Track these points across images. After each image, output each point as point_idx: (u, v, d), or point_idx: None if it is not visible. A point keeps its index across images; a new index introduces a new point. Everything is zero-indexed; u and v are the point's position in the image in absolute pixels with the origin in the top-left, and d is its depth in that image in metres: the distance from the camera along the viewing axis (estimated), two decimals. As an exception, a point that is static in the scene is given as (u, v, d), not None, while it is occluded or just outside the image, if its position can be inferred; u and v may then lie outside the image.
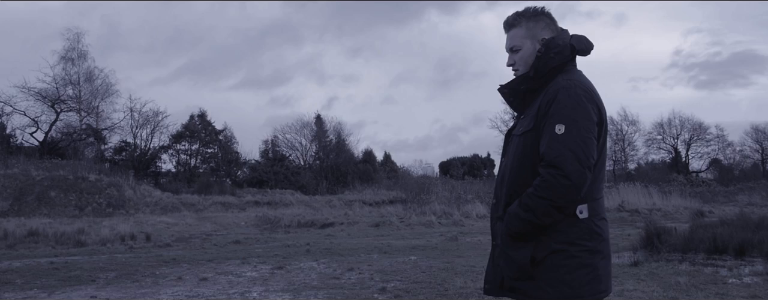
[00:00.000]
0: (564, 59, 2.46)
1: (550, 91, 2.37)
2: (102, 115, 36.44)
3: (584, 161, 2.22)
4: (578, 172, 2.21)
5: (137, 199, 29.07)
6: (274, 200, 31.92)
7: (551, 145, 2.26)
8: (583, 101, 2.30)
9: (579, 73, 2.49)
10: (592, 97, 2.35)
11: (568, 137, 2.24)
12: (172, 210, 28.32)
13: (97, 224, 20.49)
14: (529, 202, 2.27)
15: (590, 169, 2.25)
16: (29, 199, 26.82)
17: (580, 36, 2.54)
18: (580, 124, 2.26)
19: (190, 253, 12.68)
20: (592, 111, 2.31)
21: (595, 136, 2.29)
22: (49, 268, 9.90)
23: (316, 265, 10.11)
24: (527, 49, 2.52)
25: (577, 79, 2.40)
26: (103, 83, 36.42)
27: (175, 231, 20.23)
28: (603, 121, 2.37)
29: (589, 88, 2.38)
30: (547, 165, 2.26)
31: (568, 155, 2.21)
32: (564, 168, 2.21)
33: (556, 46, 2.46)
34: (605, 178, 2.56)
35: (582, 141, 2.24)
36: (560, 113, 2.29)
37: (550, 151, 2.26)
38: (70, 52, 35.68)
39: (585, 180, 2.23)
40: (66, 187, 27.91)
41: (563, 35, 2.52)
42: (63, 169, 29.12)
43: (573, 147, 2.22)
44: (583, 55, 2.54)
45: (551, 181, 2.22)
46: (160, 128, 37.89)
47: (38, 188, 27.43)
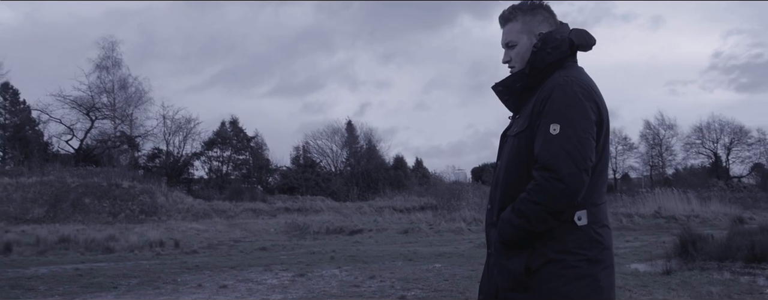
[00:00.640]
0: (561, 55, 2.30)
1: (545, 89, 2.22)
2: (135, 123, 37.04)
3: (581, 163, 2.07)
4: (574, 175, 2.05)
5: (169, 206, 29.32)
6: (304, 207, 31.96)
7: (545, 146, 2.12)
8: (580, 99, 2.15)
9: (579, 70, 2.33)
10: (591, 94, 2.19)
11: (564, 137, 2.09)
12: (204, 216, 28.51)
13: (128, 231, 20.68)
14: (522, 208, 2.13)
15: (587, 171, 2.10)
16: (64, 205, 27.23)
17: (580, 30, 2.38)
18: (577, 123, 2.11)
19: (215, 259, 12.65)
20: (590, 109, 2.15)
21: (593, 136, 2.14)
22: (74, 274, 9.92)
23: (338, 272, 9.96)
24: (523, 44, 2.38)
25: (575, 76, 2.24)
26: (137, 91, 37.04)
27: (204, 238, 20.30)
28: (603, 120, 2.21)
29: (587, 85, 2.22)
30: (540, 167, 2.11)
31: (563, 157, 2.06)
32: (558, 170, 2.06)
33: (553, 41, 2.31)
34: (607, 183, 2.36)
35: (578, 141, 2.08)
36: (555, 112, 2.14)
37: (543, 152, 2.11)
38: (105, 61, 36.37)
39: (582, 183, 2.08)
40: (100, 194, 28.29)
41: (562, 29, 2.37)
42: (97, 176, 29.56)
43: (568, 148, 2.07)
44: (583, 51, 2.38)
45: (545, 184, 2.07)
46: (192, 135, 38.32)
47: (73, 195, 27.84)
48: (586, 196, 2.15)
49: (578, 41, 2.33)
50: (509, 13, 2.43)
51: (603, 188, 2.27)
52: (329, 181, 39.01)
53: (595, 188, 2.20)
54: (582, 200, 2.14)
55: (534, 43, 2.35)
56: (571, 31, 2.36)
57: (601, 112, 2.21)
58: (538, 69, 2.30)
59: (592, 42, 2.38)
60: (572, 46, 2.32)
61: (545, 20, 2.40)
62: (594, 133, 2.14)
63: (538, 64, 2.30)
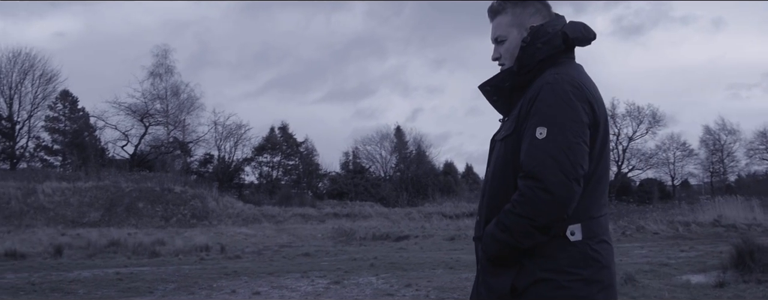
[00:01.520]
0: (553, 50, 2.07)
1: (533, 88, 2.00)
2: (188, 129, 37.72)
3: (569, 171, 1.85)
4: (561, 185, 1.83)
5: (220, 211, 29.68)
6: (353, 212, 31.93)
7: (530, 151, 1.90)
8: (570, 99, 1.92)
9: (574, 67, 2.09)
10: (584, 94, 1.96)
11: (551, 142, 1.87)
12: (253, 221, 28.74)
13: (178, 235, 21.00)
14: (506, 221, 1.91)
15: (578, 180, 1.87)
16: (119, 209, 27.85)
17: (576, 22, 2.15)
18: (566, 126, 1.89)
19: (256, 265, 12.63)
20: (581, 111, 1.92)
21: (585, 141, 1.91)
22: (114, 278, 10.01)
23: (374, 280, 9.77)
24: (513, 39, 2.15)
25: (567, 73, 2.00)
26: (189, 97, 37.72)
27: (251, 243, 20.43)
28: (598, 122, 1.98)
29: (580, 83, 1.98)
30: (524, 176, 1.89)
31: (550, 164, 1.85)
32: (544, 179, 1.84)
33: (545, 35, 2.08)
34: (606, 192, 2.12)
35: (567, 147, 1.86)
36: (542, 113, 1.92)
37: (528, 159, 1.89)
38: (158, 68, 37.18)
39: (571, 194, 1.85)
40: (153, 199, 28.84)
41: (555, 22, 2.12)
42: (150, 181, 30.17)
43: (555, 154, 1.85)
44: (581, 45, 2.15)
45: (529, 195, 1.85)
46: (242, 141, 38.82)
47: (127, 199, 28.45)
48: (581, 208, 1.93)
49: (573, 35, 2.09)
50: (498, 5, 2.21)
51: (602, 199, 2.04)
52: (378, 186, 38.93)
53: (591, 199, 1.98)
54: (576, 213, 1.91)
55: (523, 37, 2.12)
56: (566, 24, 2.13)
57: (597, 113, 1.97)
58: (528, 66, 2.08)
59: (590, 36, 2.15)
60: (566, 40, 2.08)
61: (538, 12, 2.17)
62: (586, 138, 1.91)
63: (527, 60, 2.08)
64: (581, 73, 2.07)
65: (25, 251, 14.47)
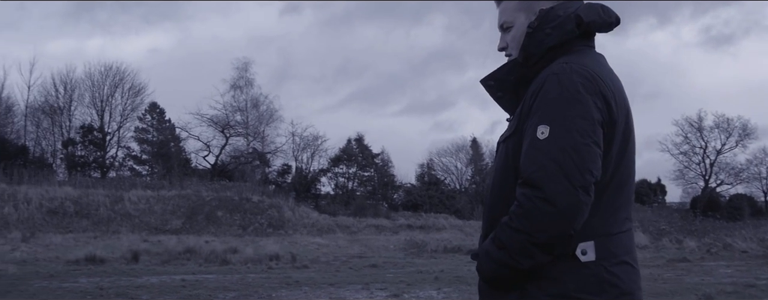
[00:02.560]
0: (565, 35, 1.76)
1: (537, 80, 1.71)
2: (266, 140, 38.56)
3: (575, 178, 1.54)
4: (565, 194, 1.53)
5: (296, 221, 30.11)
6: (427, 224, 31.74)
7: (529, 154, 1.61)
8: (578, 92, 1.62)
9: (591, 56, 1.78)
10: (596, 86, 1.64)
11: (553, 143, 1.58)
12: (328, 231, 28.99)
13: (253, 243, 21.41)
14: (502, 237, 1.62)
15: (586, 188, 1.56)
16: (199, 218, 28.68)
17: (594, 3, 1.83)
18: (572, 124, 1.59)
19: (321, 275, 12.64)
20: (592, 106, 1.61)
21: (596, 141, 1.60)
22: (178, 285, 10.22)
23: (435, 294, 9.57)
24: (521, 25, 1.86)
25: (579, 62, 1.69)
26: (268, 109, 38.56)
27: (322, 253, 20.57)
28: (615, 120, 1.66)
29: (594, 73, 1.67)
30: (522, 183, 1.61)
31: (552, 169, 1.55)
32: (544, 187, 1.55)
33: (554, 19, 1.77)
34: (630, 203, 1.78)
35: (573, 149, 1.56)
36: (545, 109, 1.63)
37: (527, 163, 1.61)
38: (239, 81, 38.22)
39: (577, 205, 1.54)
40: (232, 208, 29.56)
41: (568, 4, 1.81)
42: (230, 190, 30.97)
43: (558, 157, 1.56)
44: (600, 31, 1.84)
45: (527, 206, 1.57)
46: (319, 152, 39.34)
47: (207, 208, 29.27)
48: (595, 222, 1.63)
49: (589, 18, 1.77)
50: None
51: (623, 211, 1.72)
52: (453, 198, 38.58)
53: (608, 211, 1.67)
54: (588, 228, 1.61)
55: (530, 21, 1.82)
56: (581, 6, 1.81)
57: (612, 109, 1.66)
58: (536, 55, 1.78)
59: (610, 19, 1.82)
60: (581, 24, 1.77)
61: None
62: (598, 138, 1.60)
63: (534, 48, 1.78)
64: (599, 63, 1.77)
65: (105, 256, 15.03)
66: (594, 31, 1.83)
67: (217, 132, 37.23)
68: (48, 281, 10.43)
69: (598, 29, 1.83)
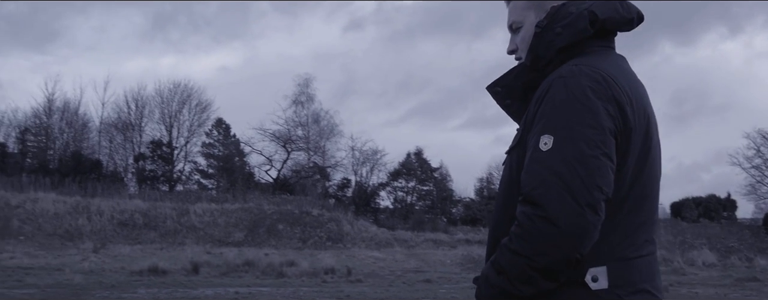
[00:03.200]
0: (578, 35, 1.59)
1: (543, 84, 1.55)
2: (327, 154, 39.14)
3: (581, 194, 1.38)
4: (570, 213, 1.37)
5: (354, 234, 30.41)
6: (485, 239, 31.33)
7: (530, 168, 1.46)
8: (587, 97, 1.45)
9: (609, 58, 1.62)
10: (608, 90, 1.47)
11: (556, 155, 1.42)
12: (386, 245, 29.17)
13: (311, 256, 21.81)
14: (501, 260, 1.46)
15: (594, 206, 1.39)
16: (261, 230, 29.33)
17: (611, 1, 1.64)
18: (579, 133, 1.43)
19: (372, 290, 12.82)
20: (603, 112, 1.44)
21: (606, 153, 1.43)
22: (232, 298, 10.59)
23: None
24: (530, 24, 1.70)
25: (591, 64, 1.53)
26: (328, 124, 39.18)
27: (378, 267, 20.76)
28: (630, 127, 1.49)
29: (607, 76, 1.50)
30: (523, 200, 1.45)
31: (554, 184, 1.40)
32: (545, 205, 1.39)
33: (565, 16, 1.60)
34: (652, 224, 1.61)
35: (579, 161, 1.40)
36: (549, 117, 1.47)
37: (527, 177, 1.46)
38: (300, 96, 39.04)
39: (583, 225, 1.38)
40: (292, 221, 30.12)
41: (579, 1, 1.63)
42: (290, 203, 31.56)
43: (562, 171, 1.40)
44: (621, 29, 1.68)
45: (527, 225, 1.40)
46: (378, 166, 39.67)
47: (269, 221, 29.90)
48: (608, 245, 1.47)
49: (605, 15, 1.59)
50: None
51: (642, 233, 1.54)
52: (514, 213, 38.16)
53: (623, 233, 1.51)
54: (599, 251, 1.45)
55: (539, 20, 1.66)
56: (596, 2, 1.61)
57: (627, 116, 1.48)
58: (545, 58, 1.62)
59: (630, 15, 1.65)
60: (595, 21, 1.59)
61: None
62: (609, 149, 1.43)
63: (543, 50, 1.61)
64: (616, 66, 1.59)
65: (167, 268, 15.64)
66: (612, 29, 1.65)
67: (279, 146, 38.09)
68: (109, 291, 10.98)
69: (617, 27, 1.66)
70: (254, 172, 39.01)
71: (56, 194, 26.70)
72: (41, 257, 17.62)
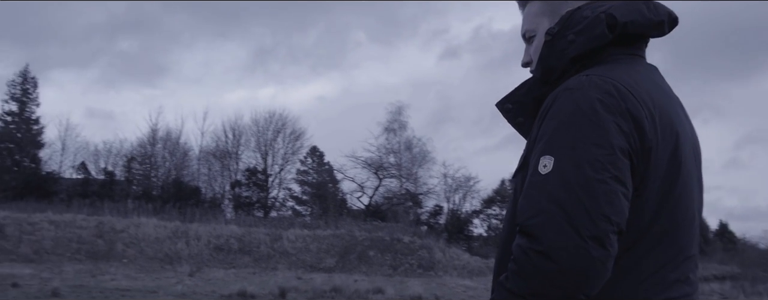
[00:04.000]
0: (593, 42, 1.38)
1: (549, 97, 1.36)
2: (419, 181, 39.03)
3: (584, 226, 1.17)
4: (570, 247, 1.16)
5: (446, 262, 29.94)
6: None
7: (528, 194, 1.26)
8: (594, 111, 1.25)
9: (629, 66, 1.39)
10: (622, 103, 1.26)
11: (556, 180, 1.22)
12: (478, 274, 28.51)
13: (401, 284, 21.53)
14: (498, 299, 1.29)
15: (601, 240, 1.18)
16: (352, 257, 29.38)
17: (635, 2, 1.41)
18: (583, 154, 1.22)
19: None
20: (613, 129, 1.23)
21: (617, 176, 1.22)
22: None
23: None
24: (543, 32, 1.50)
25: (605, 75, 1.31)
26: (421, 151, 39.28)
27: (468, 296, 20.23)
28: (650, 146, 1.27)
29: (621, 86, 1.29)
30: (519, 232, 1.26)
31: (553, 214, 1.19)
32: (542, 238, 1.19)
33: (580, 22, 1.39)
34: (688, 260, 1.34)
35: (583, 186, 1.20)
36: (550, 136, 1.28)
37: (523, 206, 1.26)
38: (393, 124, 39.36)
39: (589, 262, 1.17)
40: (383, 248, 30.01)
41: (599, 3, 1.41)
42: (381, 230, 31.56)
43: (562, 198, 1.20)
44: (649, 34, 1.45)
45: (522, 262, 1.21)
46: (471, 193, 39.18)
47: (360, 248, 29.93)
48: (626, 285, 1.27)
49: (626, 17, 1.37)
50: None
51: (671, 271, 1.31)
52: (614, 242, 36.56)
53: (645, 270, 1.29)
54: (615, 292, 1.25)
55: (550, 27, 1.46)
56: (616, 3, 1.39)
57: (645, 132, 1.27)
58: (557, 69, 1.42)
59: (659, 17, 1.42)
60: (614, 26, 1.36)
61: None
62: (621, 171, 1.22)
63: (555, 60, 1.41)
64: (638, 75, 1.36)
65: (256, 292, 15.78)
66: (637, 34, 1.41)
67: (371, 173, 38.34)
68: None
69: (644, 32, 1.42)
70: (347, 198, 39.41)
71: (157, 219, 27.83)
72: (139, 280, 18.24)
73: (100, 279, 17.35)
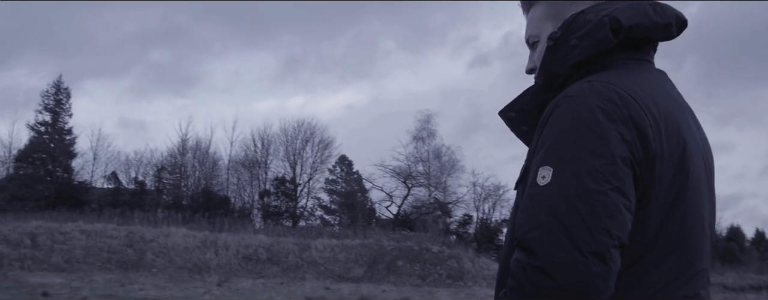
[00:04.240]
0: (597, 47, 1.31)
1: (550, 105, 1.29)
2: (448, 190, 38.75)
3: (583, 240, 1.11)
4: (569, 263, 1.10)
5: (475, 272, 29.60)
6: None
7: (525, 207, 1.20)
8: (595, 120, 1.18)
9: (635, 72, 1.32)
10: (624, 110, 1.20)
11: (554, 191, 1.16)
12: (508, 284, 28.19)
13: (429, 294, 21.35)
14: None
15: (602, 255, 1.11)
16: (380, 267, 29.20)
17: (640, 4, 1.33)
18: (582, 164, 1.16)
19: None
20: (614, 138, 1.17)
21: (618, 187, 1.15)
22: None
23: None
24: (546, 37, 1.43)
25: (607, 80, 1.25)
26: (450, 160, 38.91)
27: (498, 306, 19.95)
28: (654, 155, 1.20)
29: (624, 93, 1.22)
30: (517, 246, 1.19)
31: (550, 228, 1.14)
32: (540, 253, 1.13)
33: (583, 26, 1.32)
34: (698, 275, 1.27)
35: (582, 198, 1.14)
36: (548, 145, 1.22)
37: (522, 219, 1.20)
38: (421, 132, 39.09)
39: (588, 278, 1.11)
40: (412, 258, 29.79)
41: (603, 5, 1.35)
42: (410, 240, 31.36)
43: (560, 211, 1.14)
44: (655, 37, 1.37)
45: (520, 278, 1.15)
46: (501, 202, 38.80)
47: (388, 257, 29.75)
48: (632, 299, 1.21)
49: (631, 21, 1.30)
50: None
51: (681, 286, 1.25)
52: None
53: (651, 286, 1.22)
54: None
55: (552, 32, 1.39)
56: (620, 6, 1.32)
57: (649, 140, 1.20)
58: (560, 75, 1.36)
59: (666, 20, 1.34)
60: (618, 29, 1.30)
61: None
62: (623, 182, 1.16)
63: (557, 66, 1.35)
64: (644, 81, 1.30)
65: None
66: (643, 37, 1.34)
67: (400, 182, 38.16)
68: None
69: (650, 35, 1.34)
70: (375, 208, 39.30)
71: (187, 229, 27.97)
72: (168, 290, 18.31)
73: (129, 288, 17.44)
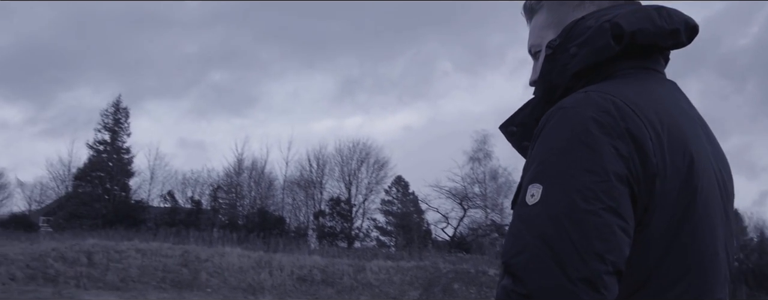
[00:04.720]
0: (597, 55, 1.22)
1: (543, 118, 1.20)
2: (505, 212, 37.98)
3: (573, 265, 1.01)
4: (557, 291, 1.00)
5: (534, 296, 28.83)
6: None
7: (513, 228, 1.11)
8: (588, 133, 1.09)
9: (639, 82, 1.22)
10: (622, 122, 1.10)
11: (542, 212, 1.07)
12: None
13: (485, 319, 20.59)
14: None
15: (594, 282, 1.01)
16: (436, 290, 28.64)
17: (647, 6, 1.25)
18: (573, 182, 1.06)
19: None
20: (608, 153, 1.08)
21: (613, 207, 1.05)
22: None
23: None
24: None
25: (606, 90, 1.16)
26: (506, 181, 38.39)
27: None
28: (654, 172, 1.10)
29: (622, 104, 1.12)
30: (504, 270, 1.09)
31: (537, 251, 1.03)
32: (526, 280, 1.03)
33: (583, 33, 1.24)
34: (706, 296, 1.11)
35: (571, 219, 1.04)
36: (538, 162, 1.13)
37: (508, 241, 1.10)
38: (477, 153, 38.72)
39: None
40: (468, 280, 29.18)
41: (605, 12, 1.26)
42: (466, 262, 30.84)
43: (548, 233, 1.04)
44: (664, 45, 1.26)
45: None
46: (557, 224, 37.97)
47: (444, 280, 29.20)
48: None
49: (634, 26, 1.19)
50: (532, 2, 1.41)
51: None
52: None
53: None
54: None
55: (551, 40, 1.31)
56: (622, 12, 1.23)
57: (649, 156, 1.10)
58: (559, 86, 1.27)
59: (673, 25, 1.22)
60: (621, 36, 1.19)
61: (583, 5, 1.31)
62: (618, 201, 1.06)
63: (556, 77, 1.27)
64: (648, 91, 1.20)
65: (334, 325, 15.29)
66: (649, 44, 1.23)
67: (456, 204, 37.80)
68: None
69: (657, 42, 1.23)
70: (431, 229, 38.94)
71: (242, 249, 28.06)
72: (220, 309, 18.15)
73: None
